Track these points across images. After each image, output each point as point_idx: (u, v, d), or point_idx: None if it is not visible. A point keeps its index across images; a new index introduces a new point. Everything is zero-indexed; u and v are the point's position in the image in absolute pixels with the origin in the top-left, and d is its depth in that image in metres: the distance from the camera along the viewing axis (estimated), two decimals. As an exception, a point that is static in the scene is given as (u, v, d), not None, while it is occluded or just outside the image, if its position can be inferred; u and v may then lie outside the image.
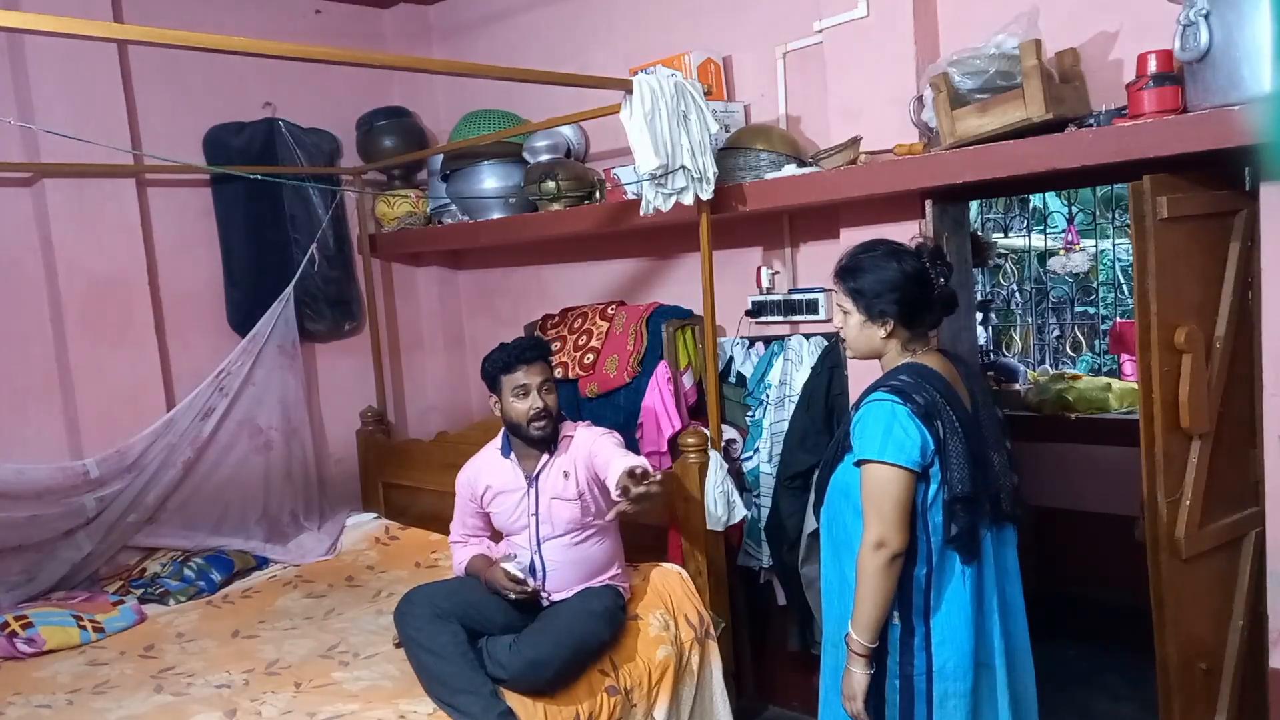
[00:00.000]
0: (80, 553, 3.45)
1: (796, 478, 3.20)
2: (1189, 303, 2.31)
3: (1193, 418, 2.30)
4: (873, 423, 1.98)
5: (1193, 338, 2.28)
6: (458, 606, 2.56)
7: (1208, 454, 2.35)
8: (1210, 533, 2.37)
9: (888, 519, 1.93)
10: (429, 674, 2.50)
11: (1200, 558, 2.36)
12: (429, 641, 2.51)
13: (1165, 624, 2.32)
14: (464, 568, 2.87)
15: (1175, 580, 2.33)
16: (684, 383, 3.44)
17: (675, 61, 3.26)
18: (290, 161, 3.98)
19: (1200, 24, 2.07)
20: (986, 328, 5.63)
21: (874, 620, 1.97)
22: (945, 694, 2.00)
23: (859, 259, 2.09)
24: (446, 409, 4.58)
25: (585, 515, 2.74)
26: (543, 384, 2.69)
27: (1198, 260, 2.33)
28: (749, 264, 3.48)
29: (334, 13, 4.28)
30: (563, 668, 2.53)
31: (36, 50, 3.38)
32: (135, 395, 3.63)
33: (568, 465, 2.74)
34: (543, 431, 2.71)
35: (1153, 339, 2.26)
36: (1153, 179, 2.23)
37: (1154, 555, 2.33)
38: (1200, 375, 2.30)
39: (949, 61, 2.53)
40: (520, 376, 2.68)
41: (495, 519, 2.86)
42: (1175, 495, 2.33)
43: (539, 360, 2.71)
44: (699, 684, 2.89)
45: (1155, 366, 2.27)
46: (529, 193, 3.66)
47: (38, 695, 2.67)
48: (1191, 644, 2.36)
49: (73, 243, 3.49)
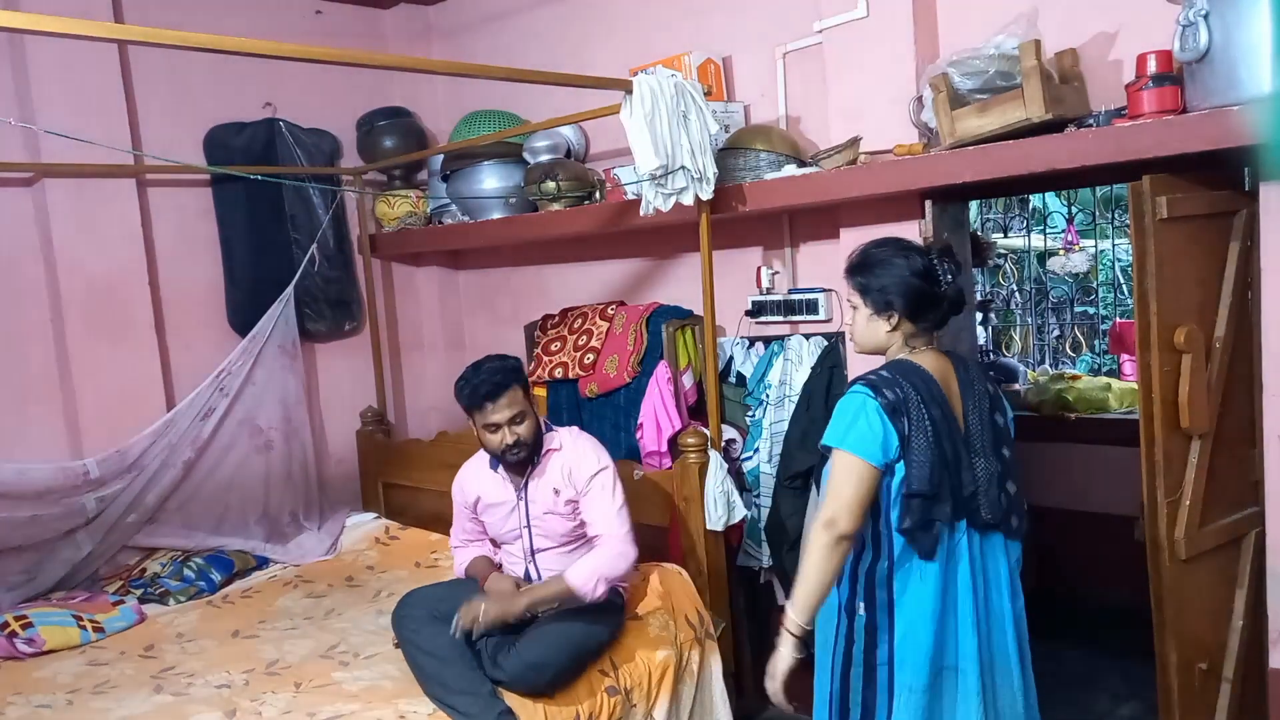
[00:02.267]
0: (80, 553, 3.45)
1: (796, 478, 3.20)
2: (1189, 303, 2.31)
3: (1192, 418, 2.29)
4: (843, 412, 2.02)
5: (1192, 337, 2.28)
6: (456, 608, 2.55)
7: (1208, 454, 2.35)
8: (1210, 533, 2.37)
9: (841, 500, 1.96)
10: (427, 676, 2.50)
11: (1200, 558, 2.36)
12: (427, 644, 2.51)
13: (1165, 624, 2.33)
14: (465, 570, 2.87)
15: (1175, 581, 2.33)
16: (684, 383, 3.44)
17: (675, 62, 3.26)
18: (290, 161, 3.98)
19: (1199, 24, 2.07)
20: (986, 328, 5.64)
21: (813, 599, 1.99)
22: (903, 687, 2.02)
23: (868, 254, 2.12)
24: (446, 409, 4.57)
25: (578, 526, 2.73)
26: (513, 418, 2.58)
27: (1198, 260, 2.33)
28: (749, 264, 3.48)
29: (334, 13, 4.28)
30: (562, 669, 2.54)
31: (37, 50, 3.39)
32: (135, 395, 3.63)
33: (558, 482, 2.68)
34: (517, 458, 2.65)
35: (1152, 338, 2.26)
36: (1152, 179, 2.23)
37: (1154, 556, 2.33)
38: (1200, 375, 2.30)
39: (949, 62, 2.53)
40: (488, 414, 2.58)
41: (489, 528, 2.85)
42: (1175, 495, 2.32)
43: (505, 392, 2.57)
44: (699, 684, 2.89)
45: (1155, 366, 2.26)
46: (529, 193, 3.66)
47: (38, 695, 2.67)
48: (1191, 644, 2.36)
49: (73, 243, 3.49)
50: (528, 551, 2.75)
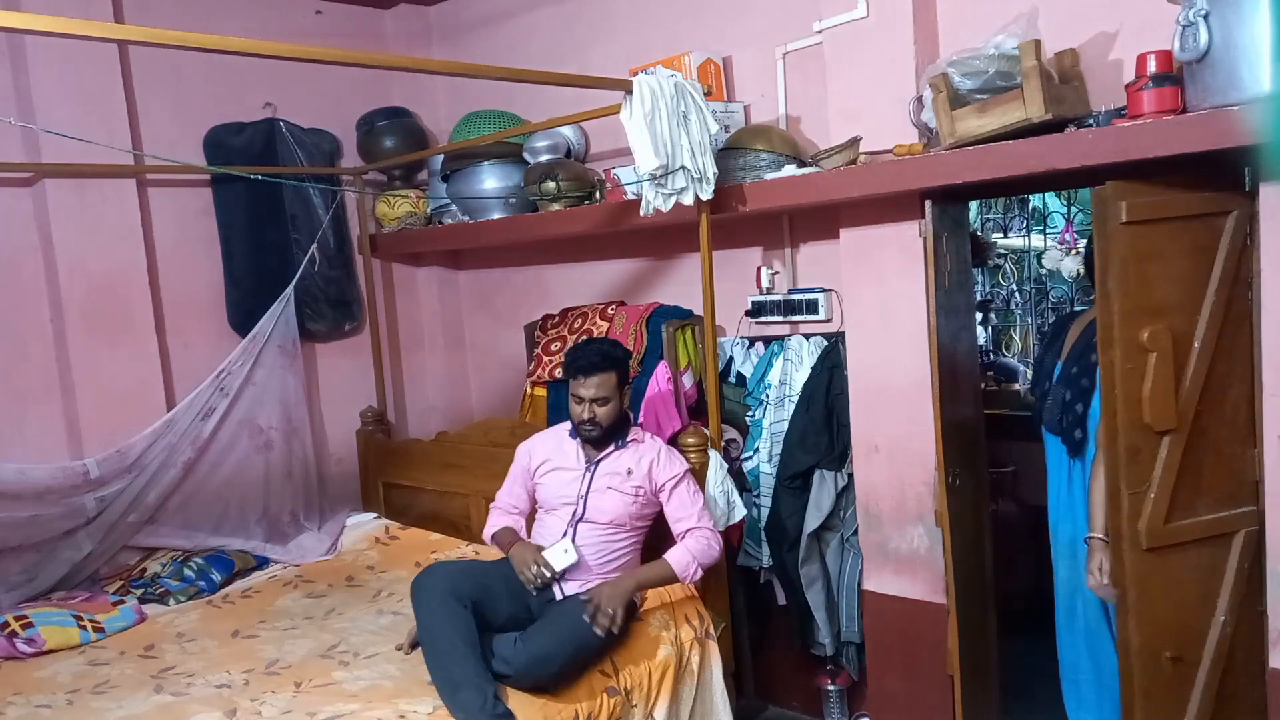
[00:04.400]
0: (80, 553, 3.45)
1: (796, 478, 3.20)
2: (1160, 302, 2.35)
3: (1155, 414, 2.35)
4: None
5: (1157, 337, 2.33)
6: (474, 590, 2.59)
7: (1179, 450, 2.39)
8: (1183, 527, 2.42)
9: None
10: (437, 659, 2.50)
11: (1170, 550, 2.42)
12: (441, 628, 2.51)
13: (1129, 609, 2.40)
14: (492, 535, 2.95)
15: (1139, 569, 2.40)
16: (684, 383, 3.45)
17: (675, 61, 3.26)
18: (291, 162, 3.98)
19: (1199, 24, 2.07)
20: (986, 328, 5.64)
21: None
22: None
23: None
24: (446, 409, 4.59)
25: (631, 514, 2.82)
26: (597, 398, 2.77)
27: (1175, 261, 2.36)
28: (749, 264, 3.48)
29: (334, 13, 4.28)
30: (567, 663, 2.54)
31: (37, 50, 3.39)
32: (135, 395, 3.63)
33: (633, 464, 2.83)
34: (589, 435, 2.82)
35: (1115, 336, 2.32)
36: (1115, 185, 2.28)
37: (1115, 544, 2.42)
38: (1165, 373, 2.34)
39: (948, 62, 2.53)
40: (577, 386, 2.80)
41: (541, 491, 2.94)
42: (1140, 488, 2.39)
43: (597, 373, 2.77)
44: (699, 684, 2.89)
45: (1117, 363, 2.34)
46: (529, 193, 3.66)
47: (38, 695, 2.67)
48: (1157, 632, 2.42)
49: (73, 243, 3.49)
50: (574, 517, 2.82)
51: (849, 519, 3.20)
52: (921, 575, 2.99)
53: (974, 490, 2.98)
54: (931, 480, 2.89)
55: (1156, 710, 2.42)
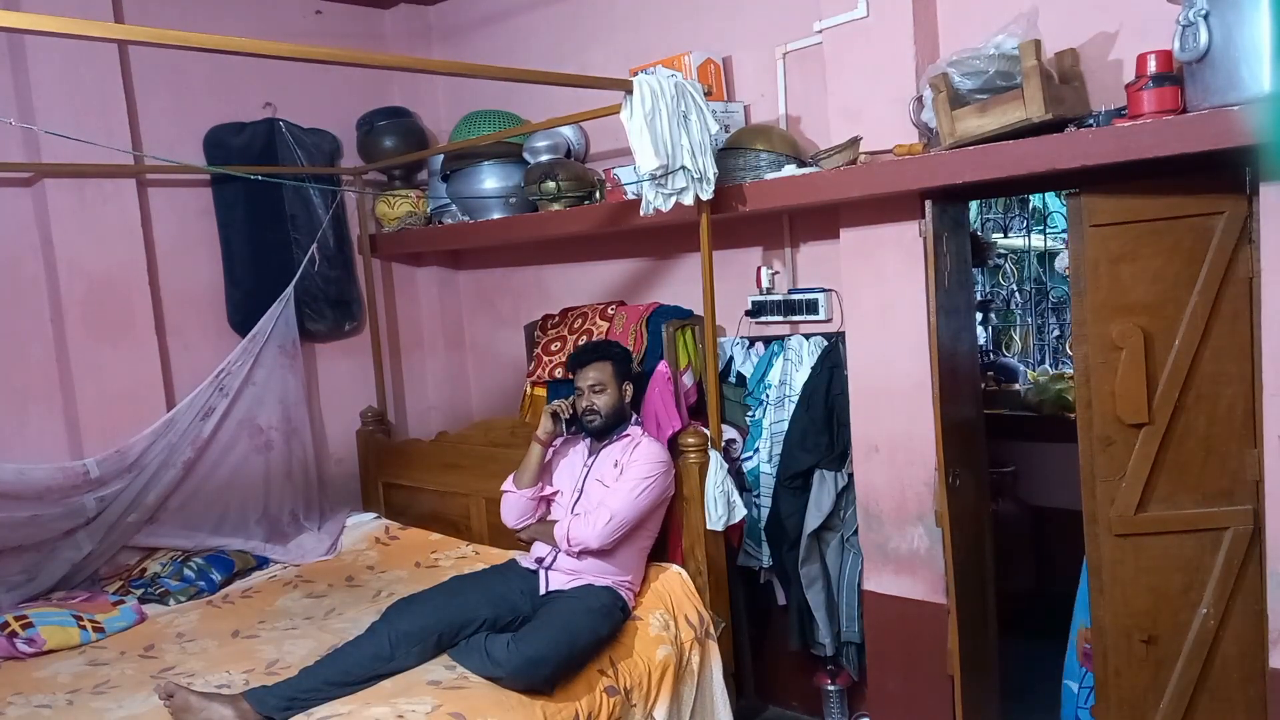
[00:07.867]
0: (80, 553, 3.45)
1: (796, 477, 3.20)
2: (1133, 301, 2.46)
3: (1124, 408, 2.47)
4: None
5: (1126, 334, 2.44)
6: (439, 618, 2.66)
7: (1154, 444, 2.48)
8: (1160, 517, 2.52)
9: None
10: (337, 662, 2.59)
11: (1145, 538, 2.53)
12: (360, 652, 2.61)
13: (1101, 590, 2.58)
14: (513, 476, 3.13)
15: (1109, 553, 2.55)
16: (684, 382, 3.44)
17: (675, 61, 3.26)
18: (290, 161, 3.98)
19: (1199, 24, 2.07)
20: (986, 328, 5.64)
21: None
22: None
23: None
24: (446, 409, 4.59)
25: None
26: (594, 386, 3.01)
27: (1150, 262, 2.44)
28: (749, 264, 3.48)
29: (334, 13, 4.28)
30: (561, 664, 2.54)
31: (37, 50, 3.39)
32: (135, 395, 3.63)
33: (620, 457, 2.97)
34: (591, 424, 3.03)
35: (1087, 333, 2.48)
36: (1088, 195, 2.43)
37: (1089, 528, 2.58)
38: (1134, 368, 2.45)
39: (949, 62, 2.53)
40: (577, 377, 3.07)
41: (553, 475, 3.16)
42: (1114, 477, 2.52)
43: (594, 362, 3.04)
44: (699, 684, 2.89)
45: (1090, 358, 2.49)
46: (529, 193, 3.66)
47: (38, 695, 2.67)
48: (1129, 615, 2.55)
49: (73, 243, 3.49)
50: (569, 507, 2.99)
51: (849, 519, 3.20)
52: (921, 575, 2.99)
53: (974, 490, 2.99)
54: (932, 480, 2.89)
55: (1128, 688, 2.55)
